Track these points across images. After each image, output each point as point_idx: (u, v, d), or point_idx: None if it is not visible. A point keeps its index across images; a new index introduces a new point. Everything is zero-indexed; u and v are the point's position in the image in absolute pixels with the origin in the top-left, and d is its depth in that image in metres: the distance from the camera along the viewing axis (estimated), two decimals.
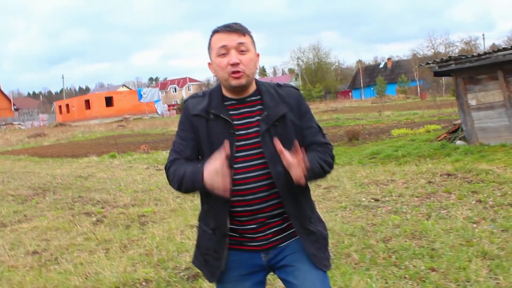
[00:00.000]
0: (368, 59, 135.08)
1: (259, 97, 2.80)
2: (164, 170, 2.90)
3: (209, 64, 2.85)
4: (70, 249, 7.77)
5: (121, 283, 5.87)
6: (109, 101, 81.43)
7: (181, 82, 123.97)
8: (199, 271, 5.99)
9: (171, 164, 2.81)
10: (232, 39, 2.67)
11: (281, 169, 2.66)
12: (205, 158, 2.68)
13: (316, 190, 10.58)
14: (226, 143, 2.54)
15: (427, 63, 16.51)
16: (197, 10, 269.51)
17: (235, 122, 2.73)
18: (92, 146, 31.63)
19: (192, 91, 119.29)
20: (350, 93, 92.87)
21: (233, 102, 2.79)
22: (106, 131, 49.66)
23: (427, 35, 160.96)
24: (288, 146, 2.66)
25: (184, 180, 2.67)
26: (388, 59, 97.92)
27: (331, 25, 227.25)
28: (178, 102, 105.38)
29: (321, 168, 2.75)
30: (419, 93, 70.53)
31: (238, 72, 2.67)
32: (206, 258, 2.89)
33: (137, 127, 51.20)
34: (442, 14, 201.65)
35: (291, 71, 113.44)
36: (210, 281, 2.95)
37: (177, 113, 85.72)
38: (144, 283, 5.88)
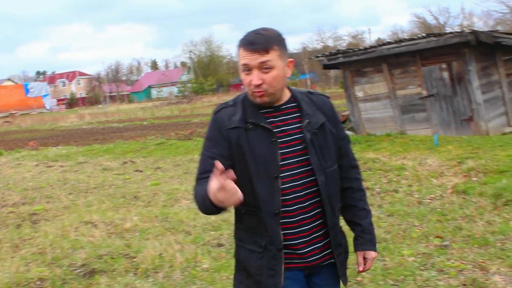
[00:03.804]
0: None
1: (295, 104, 2.71)
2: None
3: None
4: None
5: (14, 283, 5.72)
6: None
7: (71, 75, 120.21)
8: (95, 267, 6.00)
9: (197, 184, 2.64)
10: (253, 59, 2.52)
11: (323, 178, 2.65)
12: (251, 171, 2.58)
13: None
14: (218, 163, 2.25)
15: (317, 56, 16.97)
16: (86, 1, 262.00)
17: (275, 130, 2.62)
18: None
19: (82, 85, 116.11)
20: (242, 86, 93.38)
21: (270, 110, 2.66)
22: None
23: (316, 28, 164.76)
24: (327, 154, 2.68)
25: (199, 205, 2.54)
26: None
27: (223, 18, 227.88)
28: (68, 97, 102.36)
29: (371, 223, 2.93)
30: (309, 86, 72.16)
31: (260, 91, 2.56)
32: (257, 278, 2.68)
33: (25, 123, 49.40)
34: (330, 9, 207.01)
35: (183, 64, 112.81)
36: None
37: (66, 108, 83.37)
38: (38, 283, 5.75)
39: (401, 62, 15.24)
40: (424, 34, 15.33)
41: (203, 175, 2.61)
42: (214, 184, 2.25)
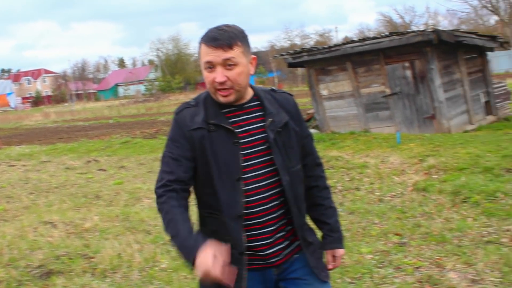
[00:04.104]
0: None
1: (258, 102, 2.64)
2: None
3: None
4: None
5: None
6: None
7: (36, 73, 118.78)
8: (52, 268, 5.92)
9: (164, 194, 2.52)
10: (217, 55, 2.44)
11: (288, 178, 2.60)
12: (212, 173, 2.53)
13: None
14: (233, 271, 2.30)
15: (281, 55, 17.04)
16: None
17: (237, 130, 2.54)
18: None
19: (48, 83, 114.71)
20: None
21: (232, 109, 2.59)
22: None
23: (284, 27, 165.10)
24: (291, 153, 2.63)
25: (173, 240, 2.43)
26: None
27: (191, 16, 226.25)
28: (33, 95, 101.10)
29: (338, 220, 2.90)
30: (276, 84, 72.32)
31: (225, 89, 2.49)
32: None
33: None
34: (298, 7, 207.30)
35: (151, 62, 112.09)
36: None
37: (32, 106, 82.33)
38: None
39: (365, 60, 15.36)
40: (387, 33, 15.48)
41: (169, 176, 2.52)
42: (209, 262, 2.22)
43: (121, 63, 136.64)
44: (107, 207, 9.07)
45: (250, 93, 2.65)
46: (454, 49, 15.15)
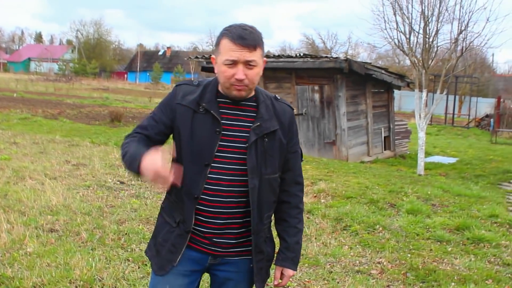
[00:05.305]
0: (150, 45, 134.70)
1: (255, 104, 2.73)
2: None
3: (212, 58, 2.73)
4: None
5: None
6: None
7: None
8: None
9: (127, 138, 2.74)
10: (242, 55, 2.55)
11: (256, 182, 2.66)
12: (184, 152, 2.67)
13: (64, 166, 10.35)
14: (178, 169, 2.49)
15: (196, 57, 16.96)
16: None
17: (224, 122, 2.65)
18: None
19: None
20: (125, 75, 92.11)
21: (228, 101, 2.70)
22: None
23: (209, 31, 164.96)
24: (269, 161, 2.70)
25: (125, 158, 2.60)
26: (168, 47, 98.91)
27: (117, 3, 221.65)
28: None
29: (299, 242, 2.90)
30: None
31: (241, 86, 2.60)
32: (159, 249, 2.78)
33: None
34: (226, 14, 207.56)
35: (69, 42, 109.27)
36: (156, 274, 2.79)
37: None
38: None
39: (278, 77, 15.54)
40: (301, 54, 15.73)
41: (141, 130, 2.74)
42: (156, 161, 2.35)
43: (39, 38, 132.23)
44: None
45: (251, 92, 2.74)
46: (364, 81, 15.60)
